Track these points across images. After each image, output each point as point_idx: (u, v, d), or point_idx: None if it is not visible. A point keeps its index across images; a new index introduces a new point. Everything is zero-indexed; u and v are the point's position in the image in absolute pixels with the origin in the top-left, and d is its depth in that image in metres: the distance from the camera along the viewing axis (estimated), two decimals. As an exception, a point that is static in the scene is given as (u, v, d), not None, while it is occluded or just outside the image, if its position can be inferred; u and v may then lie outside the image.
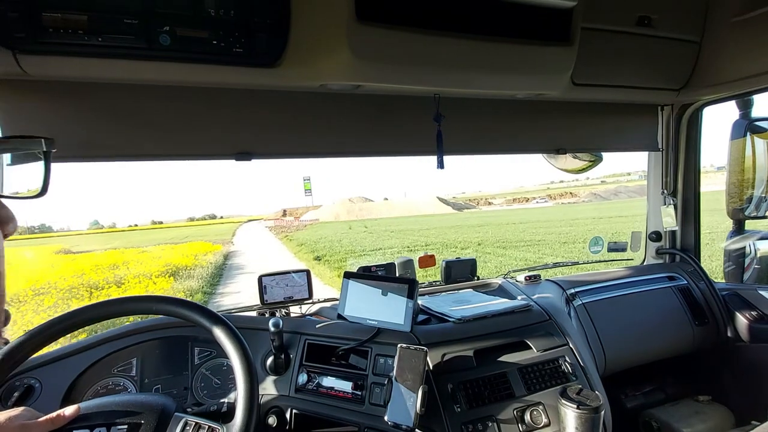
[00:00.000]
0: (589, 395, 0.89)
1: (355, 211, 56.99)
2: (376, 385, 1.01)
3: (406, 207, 62.83)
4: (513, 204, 79.77)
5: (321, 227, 37.05)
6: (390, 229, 26.86)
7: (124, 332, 1.12)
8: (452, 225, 27.60)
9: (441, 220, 36.41)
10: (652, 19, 1.22)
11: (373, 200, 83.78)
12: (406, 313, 1.07)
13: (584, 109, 1.49)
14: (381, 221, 43.19)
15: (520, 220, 28.05)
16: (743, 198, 1.60)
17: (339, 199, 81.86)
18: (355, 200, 77.96)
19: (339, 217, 53.57)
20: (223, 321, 0.81)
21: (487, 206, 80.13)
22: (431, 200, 69.37)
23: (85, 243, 36.23)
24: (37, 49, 0.76)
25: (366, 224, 36.57)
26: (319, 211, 60.62)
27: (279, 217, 61.35)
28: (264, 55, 0.88)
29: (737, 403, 1.48)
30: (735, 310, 1.52)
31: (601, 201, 63.98)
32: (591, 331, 1.35)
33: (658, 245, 1.79)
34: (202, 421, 0.75)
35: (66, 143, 0.96)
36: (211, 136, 1.09)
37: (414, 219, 44.51)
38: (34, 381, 1.00)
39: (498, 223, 26.73)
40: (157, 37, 0.79)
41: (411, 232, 23.37)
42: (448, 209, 62.64)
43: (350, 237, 21.72)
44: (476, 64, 0.97)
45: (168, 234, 48.46)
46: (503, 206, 74.50)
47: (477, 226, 25.04)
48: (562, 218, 26.28)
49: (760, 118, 1.55)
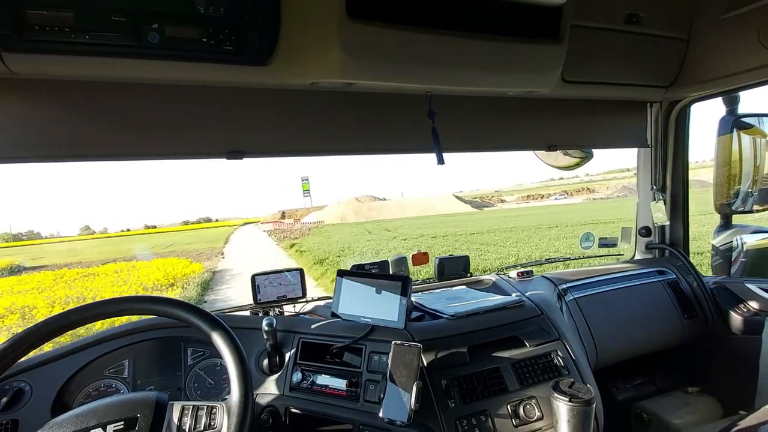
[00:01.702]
0: (581, 388, 0.90)
1: (364, 212, 51.18)
2: (370, 383, 1.02)
3: (420, 206, 56.33)
4: (529, 201, 73.70)
5: (332, 231, 30.83)
6: (420, 234, 21.46)
7: (116, 333, 1.11)
8: (486, 227, 22.03)
9: (467, 221, 30.37)
10: (641, 17, 1.23)
11: (382, 199, 76.32)
12: (399, 310, 1.07)
13: (574, 106, 1.51)
14: (399, 223, 36.42)
15: (555, 222, 21.53)
16: (730, 193, 1.63)
17: (344, 198, 74.85)
18: (362, 199, 70.89)
19: (346, 218, 47.61)
20: (214, 319, 0.81)
21: (501, 203, 73.89)
22: (447, 198, 63.57)
23: (53, 254, 32.88)
24: (22, 47, 0.74)
25: (386, 226, 31.08)
26: (323, 212, 54.72)
27: (277, 219, 55.62)
28: (254, 53, 0.87)
29: (725, 393, 1.51)
30: (723, 303, 1.55)
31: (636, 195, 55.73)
32: (582, 326, 1.37)
33: (647, 240, 1.81)
34: (199, 402, 0.75)
35: (53, 143, 0.95)
36: (201, 134, 1.08)
37: (438, 219, 37.59)
38: (24, 384, 0.99)
39: (533, 225, 20.62)
40: (145, 35, 0.78)
41: (453, 237, 17.99)
42: (466, 208, 56.16)
43: (378, 245, 16.20)
44: (467, 62, 0.98)
45: (157, 240, 43.57)
46: (521, 203, 68.19)
47: (508, 229, 19.44)
48: (615, 218, 19.47)
49: (746, 114, 1.58)
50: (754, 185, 1.60)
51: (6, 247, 69.61)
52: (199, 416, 0.73)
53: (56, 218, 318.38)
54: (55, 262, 24.32)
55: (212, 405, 0.74)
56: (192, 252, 22.40)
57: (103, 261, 21.24)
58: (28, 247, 63.51)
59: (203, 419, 0.73)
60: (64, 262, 22.92)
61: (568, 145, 1.59)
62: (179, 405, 0.74)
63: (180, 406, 0.74)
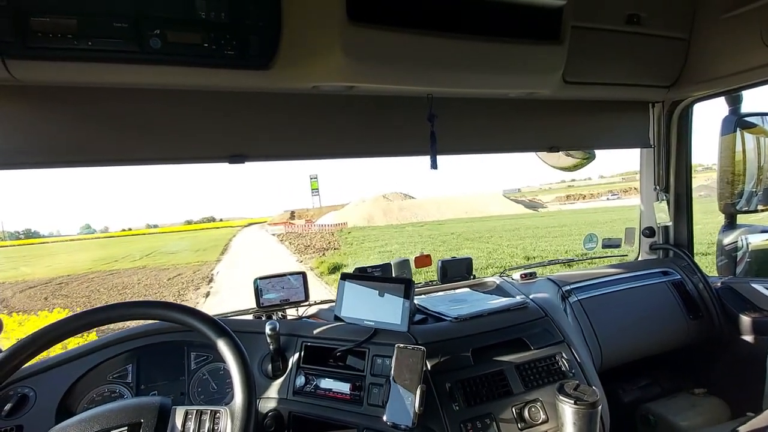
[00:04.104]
0: (587, 390, 0.89)
1: (395, 212, 41.68)
2: (374, 386, 1.01)
3: (461, 205, 45.79)
4: (575, 202, 61.34)
5: (364, 236, 21.65)
6: (508, 244, 13.91)
7: (119, 338, 1.11)
8: (569, 234, 15.55)
9: (539, 225, 21.34)
10: (642, 17, 1.23)
11: (414, 197, 63.18)
12: (402, 313, 1.07)
13: (576, 107, 1.50)
14: (453, 226, 25.40)
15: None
16: (734, 193, 1.62)
17: (369, 196, 61.56)
18: (391, 197, 58.39)
19: (374, 219, 38.49)
20: (216, 322, 0.81)
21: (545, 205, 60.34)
22: (494, 197, 51.42)
23: (27, 257, 29.01)
24: (26, 54, 0.75)
25: (439, 230, 22.64)
26: (343, 212, 44.79)
27: (286, 220, 47.24)
28: (256, 57, 0.88)
29: (732, 395, 1.49)
30: (728, 304, 1.54)
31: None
32: (587, 327, 1.36)
33: (651, 241, 1.80)
34: (203, 407, 0.75)
35: (56, 148, 0.96)
36: (203, 139, 1.08)
37: (502, 223, 25.42)
38: (28, 390, 0.99)
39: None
40: (147, 40, 0.79)
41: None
42: (518, 208, 45.24)
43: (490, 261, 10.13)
44: (468, 64, 0.98)
45: (137, 245, 34.46)
46: (564, 204, 57.32)
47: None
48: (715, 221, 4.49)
49: (750, 114, 1.57)
50: (759, 185, 1.59)
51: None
52: (202, 421, 0.73)
53: (58, 217, 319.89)
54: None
55: (216, 410, 0.74)
56: (168, 269, 15.56)
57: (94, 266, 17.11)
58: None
59: (207, 424, 0.73)
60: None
61: (570, 146, 1.58)
62: (183, 410, 0.74)
63: (183, 411, 0.74)
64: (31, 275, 18.06)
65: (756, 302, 1.49)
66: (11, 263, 26.54)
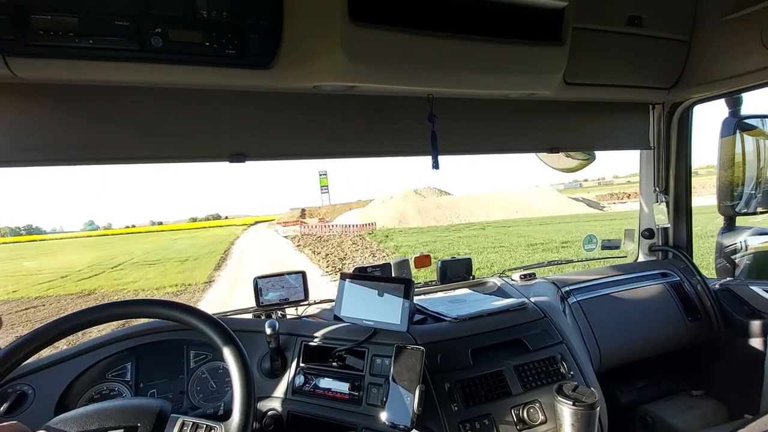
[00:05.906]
0: (585, 392, 0.90)
1: (431, 210, 34.32)
2: (373, 386, 1.01)
3: (510, 204, 36.30)
4: (626, 201, 49.47)
5: (418, 242, 16.08)
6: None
7: (118, 337, 1.11)
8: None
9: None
10: (643, 19, 1.23)
11: (450, 193, 52.85)
12: (402, 313, 1.07)
13: (577, 108, 1.51)
14: (516, 229, 18.85)
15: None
16: (734, 195, 1.62)
17: (397, 192, 52.37)
18: (424, 193, 49.89)
19: (406, 219, 31.64)
20: (224, 328, 0.80)
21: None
22: (548, 194, 40.89)
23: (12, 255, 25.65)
24: (26, 52, 0.75)
25: (514, 233, 17.06)
26: (368, 210, 37.37)
27: (297, 219, 39.77)
28: (257, 56, 0.88)
29: (730, 397, 1.50)
30: (727, 306, 1.54)
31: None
32: (586, 329, 1.36)
33: (650, 242, 1.81)
34: (199, 420, 0.74)
35: (57, 147, 0.96)
36: (204, 138, 1.08)
37: (580, 225, 18.68)
38: (27, 387, 0.99)
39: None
40: (148, 39, 0.79)
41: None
42: (579, 206, 35.53)
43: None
44: (469, 65, 0.98)
45: (118, 248, 27.32)
46: (615, 203, 46.74)
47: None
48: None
49: (750, 116, 1.57)
50: (758, 187, 1.59)
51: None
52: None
53: (61, 213, 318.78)
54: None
55: (212, 425, 0.73)
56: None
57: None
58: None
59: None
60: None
61: (570, 147, 1.59)
62: (180, 420, 0.74)
63: (180, 421, 0.73)
64: None
65: (754, 304, 1.49)
66: None
